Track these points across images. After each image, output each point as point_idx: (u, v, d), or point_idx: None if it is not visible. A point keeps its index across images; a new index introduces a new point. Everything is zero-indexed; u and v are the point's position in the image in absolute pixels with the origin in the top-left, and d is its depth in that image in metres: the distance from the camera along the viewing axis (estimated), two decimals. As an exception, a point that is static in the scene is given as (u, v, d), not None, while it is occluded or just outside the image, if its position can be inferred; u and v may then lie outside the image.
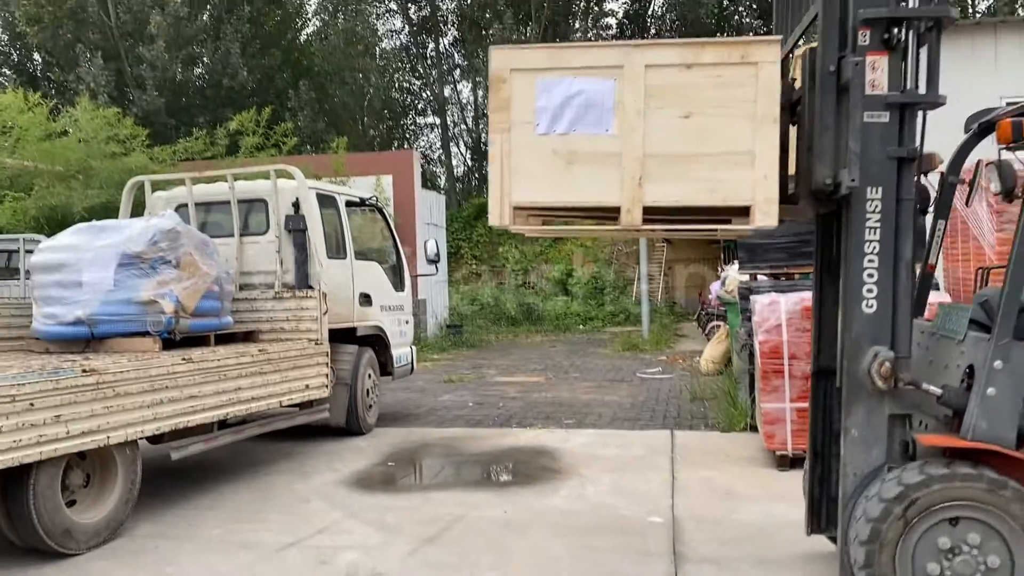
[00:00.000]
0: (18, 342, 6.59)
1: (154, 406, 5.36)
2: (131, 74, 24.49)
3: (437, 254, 9.91)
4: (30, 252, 10.15)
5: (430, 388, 11.69)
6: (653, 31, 32.37)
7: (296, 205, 7.69)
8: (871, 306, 3.59)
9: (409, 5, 34.58)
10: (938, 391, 3.52)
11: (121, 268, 6.15)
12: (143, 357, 5.74)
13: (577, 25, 30.28)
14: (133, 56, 24.33)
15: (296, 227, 7.63)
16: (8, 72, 28.52)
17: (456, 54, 34.59)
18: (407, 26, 34.95)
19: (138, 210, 8.28)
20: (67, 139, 15.17)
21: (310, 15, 31.86)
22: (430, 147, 37.00)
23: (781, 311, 6.49)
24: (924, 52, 3.61)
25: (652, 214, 3.72)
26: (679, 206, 3.72)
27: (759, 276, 8.17)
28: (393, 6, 34.49)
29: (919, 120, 3.60)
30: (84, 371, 4.91)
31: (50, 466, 4.74)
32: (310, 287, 7.60)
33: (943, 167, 4.06)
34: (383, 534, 5.26)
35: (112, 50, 24.42)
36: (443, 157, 35.76)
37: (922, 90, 3.59)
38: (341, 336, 7.98)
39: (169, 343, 6.28)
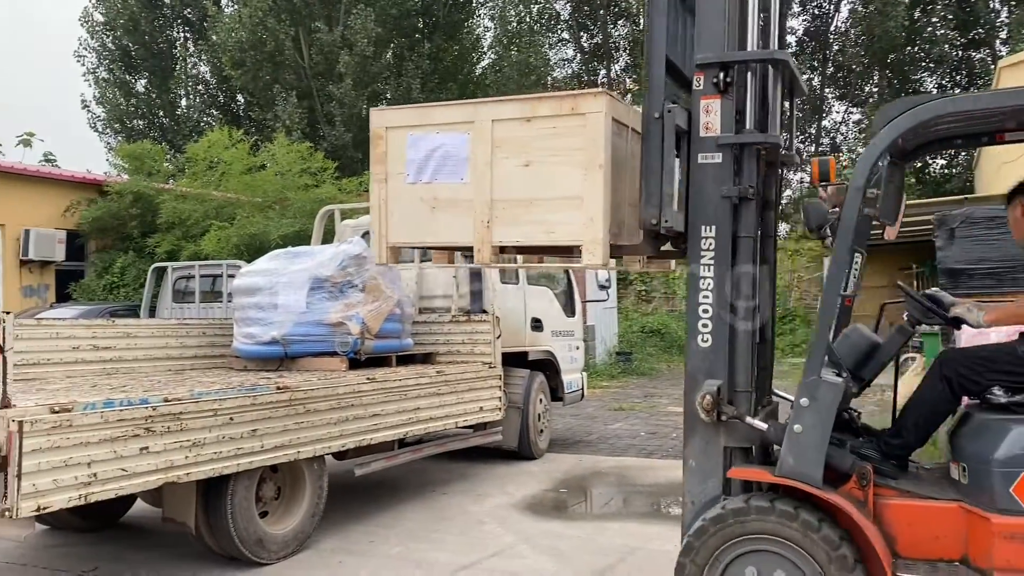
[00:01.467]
0: (221, 359, 7.08)
1: (340, 423, 5.59)
2: (321, 111, 26.18)
3: (608, 279, 9.83)
4: (232, 276, 10.96)
5: (600, 415, 11.56)
6: (836, 47, 30.93)
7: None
8: (706, 340, 3.65)
9: (581, 34, 34.98)
10: (763, 426, 3.50)
11: (312, 291, 6.49)
12: (331, 376, 6.01)
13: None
14: (324, 95, 26.00)
15: (472, 253, 7.78)
16: (215, 112, 31.21)
17: (628, 79, 34.55)
18: (579, 54, 35.36)
19: (328, 237, 8.77)
20: (265, 172, 16.40)
21: (486, 49, 32.88)
22: (600, 173, 36.98)
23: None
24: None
25: (504, 251, 4.14)
26: (524, 246, 4.11)
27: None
28: (566, 36, 35.01)
29: (756, 160, 3.67)
30: (278, 388, 5.19)
31: (246, 478, 5.03)
32: (484, 311, 7.71)
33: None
34: (557, 562, 5.19)
35: (305, 89, 26.22)
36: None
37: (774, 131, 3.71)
38: (513, 360, 8.05)
39: (355, 363, 6.55)
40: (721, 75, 3.60)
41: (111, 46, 29.81)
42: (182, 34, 31.72)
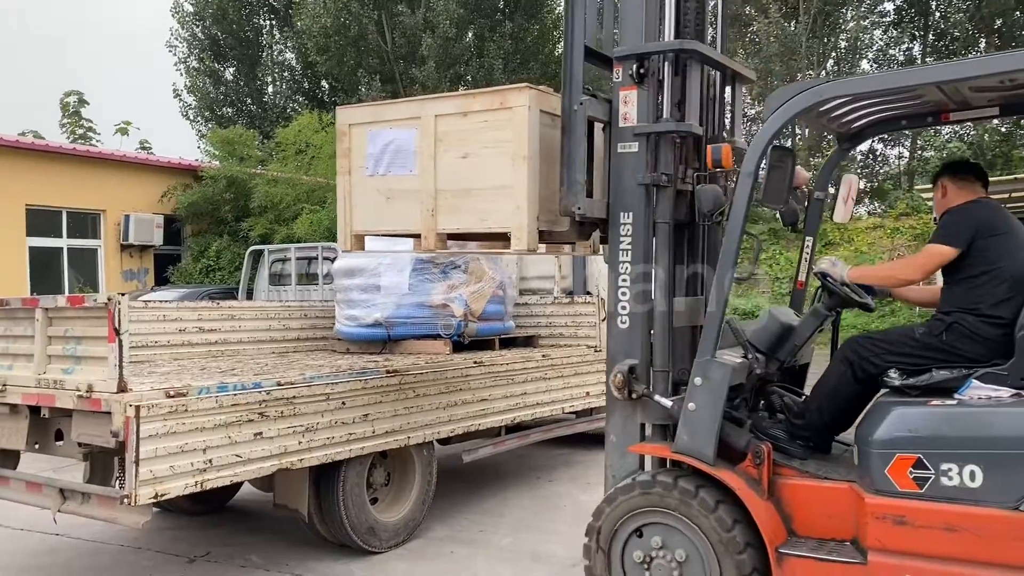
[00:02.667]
0: (323, 342, 6.98)
1: (449, 408, 5.38)
2: (404, 95, 26.20)
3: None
4: (327, 259, 10.94)
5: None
6: (937, 15, 29.32)
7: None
8: (624, 322, 3.79)
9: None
10: (668, 404, 3.59)
11: (415, 273, 6.31)
12: (437, 359, 5.81)
13: (850, 15, 28.09)
14: (407, 78, 25.96)
15: (576, 231, 7.48)
16: (301, 99, 31.59)
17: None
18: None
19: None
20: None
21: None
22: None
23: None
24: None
25: (451, 238, 4.39)
26: (464, 232, 4.34)
27: None
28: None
29: (673, 149, 3.75)
30: (388, 372, 5.01)
31: (357, 464, 4.87)
32: (588, 293, 7.41)
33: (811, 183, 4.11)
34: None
35: (388, 73, 26.22)
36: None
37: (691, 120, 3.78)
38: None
39: (457, 346, 6.35)
40: (636, 67, 3.73)
41: (200, 36, 30.37)
42: (268, 21, 32.14)
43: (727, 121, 4.21)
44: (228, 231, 16.85)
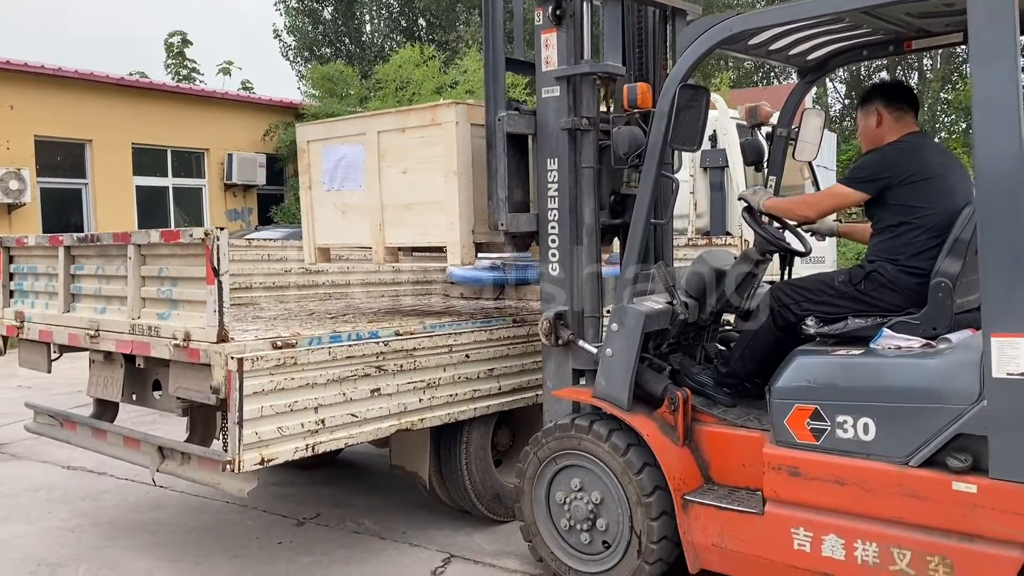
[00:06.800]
0: (434, 285, 6.42)
1: (583, 363, 4.73)
2: (504, 28, 25.28)
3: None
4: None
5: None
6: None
7: (713, 139, 6.70)
8: (555, 269, 3.79)
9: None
10: (593, 350, 3.59)
11: (538, 209, 5.64)
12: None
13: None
14: (507, 11, 25.09)
15: (714, 164, 6.66)
16: (398, 37, 31.06)
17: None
18: None
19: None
20: (456, 90, 15.73)
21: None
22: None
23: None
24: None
25: (401, 251, 4.47)
26: (409, 246, 4.41)
27: None
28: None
29: (594, 90, 3.73)
30: (515, 322, 4.38)
31: (482, 424, 4.29)
32: (728, 233, 6.60)
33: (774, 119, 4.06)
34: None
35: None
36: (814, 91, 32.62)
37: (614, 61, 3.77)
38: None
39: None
40: (553, 8, 3.64)
41: (299, -26, 30.05)
42: (366, -42, 31.54)
43: (669, 61, 4.01)
44: (329, 170, 16.51)
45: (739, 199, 3.71)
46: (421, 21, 30.51)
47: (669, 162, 3.85)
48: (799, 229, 3.83)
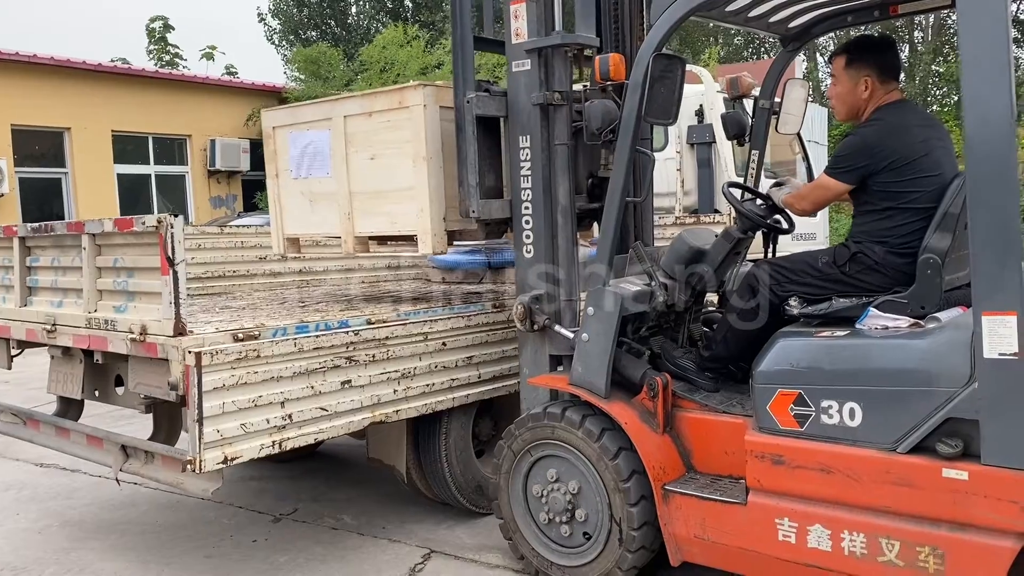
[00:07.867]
0: (415, 270, 6.27)
1: (565, 349, 4.59)
2: (494, 7, 25.01)
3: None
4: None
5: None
6: None
7: (700, 114, 6.54)
8: (529, 252, 3.63)
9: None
10: (569, 335, 3.47)
11: (519, 190, 5.48)
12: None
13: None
14: (494, -10, 24.79)
15: (701, 140, 6.50)
16: (384, 18, 30.70)
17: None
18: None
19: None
20: (441, 71, 15.51)
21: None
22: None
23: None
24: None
25: (372, 240, 4.23)
26: (379, 235, 4.18)
27: None
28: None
29: (566, 63, 3.55)
30: (495, 307, 4.24)
31: (461, 414, 4.15)
32: (716, 211, 6.45)
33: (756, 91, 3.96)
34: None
35: (474, -14, 25.05)
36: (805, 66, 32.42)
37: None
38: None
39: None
40: None
41: (283, -45, 29.62)
42: (350, -62, 31.11)
43: (647, 32, 3.68)
44: (314, 155, 16.31)
45: (768, 193, 3.54)
46: (407, 2, 30.17)
47: (647, 137, 3.71)
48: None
